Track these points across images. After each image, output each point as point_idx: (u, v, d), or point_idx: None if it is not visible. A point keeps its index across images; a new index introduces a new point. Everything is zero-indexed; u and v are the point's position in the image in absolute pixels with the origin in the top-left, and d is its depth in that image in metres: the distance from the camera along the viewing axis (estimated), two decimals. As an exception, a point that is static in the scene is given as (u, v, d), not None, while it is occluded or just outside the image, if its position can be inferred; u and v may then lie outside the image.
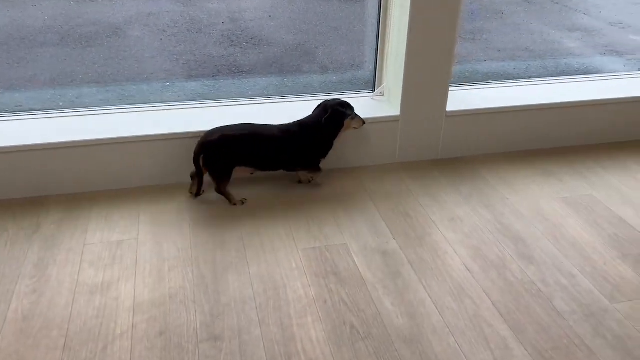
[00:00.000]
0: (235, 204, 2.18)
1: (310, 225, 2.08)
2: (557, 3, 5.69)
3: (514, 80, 2.81)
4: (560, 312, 1.71)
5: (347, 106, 2.24)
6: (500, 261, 1.92)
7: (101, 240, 1.98)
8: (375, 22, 2.54)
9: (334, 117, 2.19)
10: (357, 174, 2.41)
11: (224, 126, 2.15)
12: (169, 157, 2.27)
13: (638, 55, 4.36)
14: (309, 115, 2.25)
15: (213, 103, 2.54)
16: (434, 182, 2.36)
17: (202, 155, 2.09)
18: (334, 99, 2.27)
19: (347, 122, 2.22)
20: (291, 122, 2.23)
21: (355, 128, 2.26)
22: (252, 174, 2.26)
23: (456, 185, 2.35)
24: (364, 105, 2.49)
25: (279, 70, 3.99)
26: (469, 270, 1.88)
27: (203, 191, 2.22)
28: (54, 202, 2.18)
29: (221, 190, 2.16)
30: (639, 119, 2.68)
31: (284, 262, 1.89)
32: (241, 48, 4.33)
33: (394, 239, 2.02)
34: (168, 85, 3.58)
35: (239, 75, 3.86)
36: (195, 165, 2.13)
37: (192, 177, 2.20)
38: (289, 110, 2.43)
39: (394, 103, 2.42)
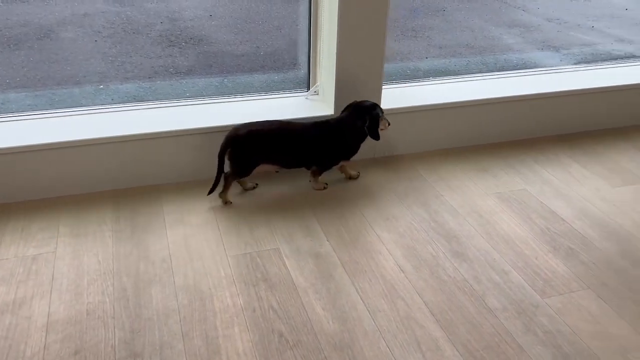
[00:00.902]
0: (221, 197, 2.14)
1: (241, 230, 2.00)
2: (498, 0, 5.80)
3: (451, 77, 2.80)
4: (492, 310, 1.69)
5: (379, 107, 2.19)
6: (433, 260, 1.89)
7: (15, 255, 1.85)
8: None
9: (374, 123, 2.15)
10: (293, 176, 2.35)
11: (251, 122, 2.14)
12: (91, 164, 2.15)
13: (573, 50, 4.47)
14: (339, 116, 2.21)
15: (145, 105, 2.43)
16: (370, 182, 2.33)
17: (228, 150, 2.07)
18: (365, 101, 2.19)
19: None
20: (321, 120, 2.21)
21: (381, 129, 2.19)
22: (277, 171, 2.28)
23: (393, 183, 2.32)
24: (298, 104, 2.43)
25: (219, 70, 3.90)
26: (402, 270, 1.84)
27: (256, 185, 2.25)
28: (-34, 216, 2.03)
29: (230, 180, 2.14)
30: (572, 113, 2.71)
31: (212, 271, 1.81)
32: (180, 48, 4.22)
33: (328, 241, 1.97)
34: (101, 88, 3.44)
35: (177, 76, 3.76)
36: (219, 159, 2.08)
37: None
38: (229, 109, 2.36)
39: (328, 102, 2.37)
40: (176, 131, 2.20)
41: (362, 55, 2.25)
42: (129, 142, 2.16)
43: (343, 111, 2.22)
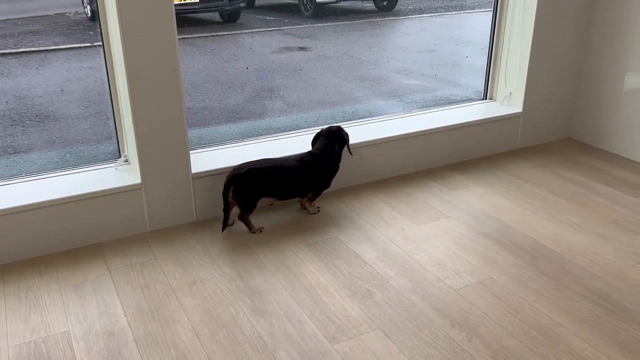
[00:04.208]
0: (254, 232, 2.38)
1: (30, 315, 1.89)
2: (352, 57, 6.16)
3: (264, 136, 2.88)
4: (280, 364, 1.69)
5: (342, 129, 2.55)
6: (232, 320, 1.87)
7: None
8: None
9: (348, 143, 2.53)
10: (100, 249, 2.27)
11: (249, 161, 2.35)
12: None
13: (415, 97, 4.80)
14: (317, 146, 2.50)
15: None
16: (185, 247, 2.30)
17: (232, 187, 2.28)
18: (331, 127, 2.52)
19: None
20: (302, 153, 2.47)
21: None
22: (271, 204, 2.53)
23: (207, 246, 2.30)
24: (105, 175, 2.39)
25: (63, 144, 3.80)
26: (197, 336, 1.80)
27: (233, 221, 2.42)
28: None
29: (244, 218, 2.36)
30: (386, 159, 2.85)
31: (-13, 366, 1.68)
32: (23, 127, 4.08)
33: (125, 316, 1.90)
34: None
35: (15, 155, 3.62)
36: (224, 198, 2.30)
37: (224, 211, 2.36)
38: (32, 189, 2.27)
39: (135, 170, 2.35)
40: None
41: (162, 125, 2.27)
42: None
43: (315, 141, 2.52)
